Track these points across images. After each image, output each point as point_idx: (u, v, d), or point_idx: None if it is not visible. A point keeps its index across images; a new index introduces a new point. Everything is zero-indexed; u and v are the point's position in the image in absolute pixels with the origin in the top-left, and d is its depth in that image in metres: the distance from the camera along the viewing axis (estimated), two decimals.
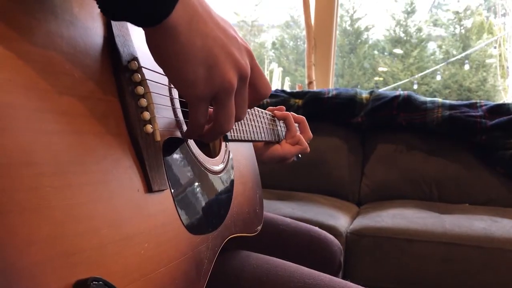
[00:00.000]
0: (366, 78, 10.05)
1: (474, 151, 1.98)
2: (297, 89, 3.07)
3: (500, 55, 8.59)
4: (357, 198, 2.14)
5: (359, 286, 0.62)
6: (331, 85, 2.94)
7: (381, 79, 9.88)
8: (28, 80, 0.34)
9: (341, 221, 1.66)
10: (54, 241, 0.32)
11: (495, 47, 8.55)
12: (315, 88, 2.91)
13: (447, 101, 2.09)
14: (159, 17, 0.38)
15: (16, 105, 0.32)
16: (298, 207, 1.75)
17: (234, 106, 0.47)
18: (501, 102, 2.05)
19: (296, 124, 0.93)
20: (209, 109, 0.47)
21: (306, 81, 2.95)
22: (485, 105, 2.04)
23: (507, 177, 1.91)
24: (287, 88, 5.95)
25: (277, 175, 2.11)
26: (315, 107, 2.16)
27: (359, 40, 10.11)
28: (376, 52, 10.15)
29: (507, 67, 8.52)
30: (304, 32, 2.97)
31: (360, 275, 1.55)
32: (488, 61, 8.92)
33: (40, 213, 0.31)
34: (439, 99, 2.11)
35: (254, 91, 0.50)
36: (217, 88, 0.43)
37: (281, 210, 1.66)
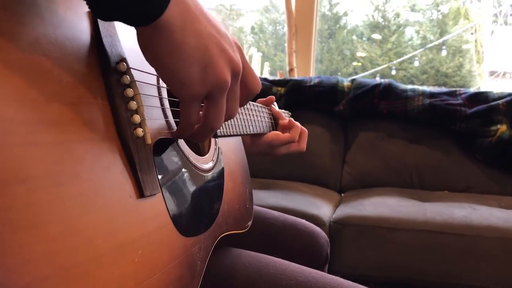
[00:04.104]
0: (344, 63, 10.06)
1: (453, 139, 2.01)
2: (278, 77, 3.06)
3: (476, 41, 8.70)
4: (339, 185, 2.16)
5: (350, 281, 0.63)
6: (312, 71, 2.94)
7: (360, 64, 9.91)
8: (17, 91, 0.32)
9: (324, 210, 1.68)
10: (50, 258, 0.31)
11: (472, 34, 8.65)
12: (296, 75, 2.90)
13: (427, 89, 2.11)
14: (153, 16, 0.37)
15: (6, 119, 0.31)
16: (282, 197, 1.75)
17: (226, 104, 0.47)
18: (479, 90, 2.08)
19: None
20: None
21: (287, 68, 2.94)
22: (464, 93, 2.07)
23: (486, 165, 1.95)
24: (266, 73, 5.92)
25: (259, 163, 2.10)
26: (297, 95, 2.17)
27: (338, 25, 10.10)
28: (354, 37, 10.16)
29: (482, 53, 8.64)
30: (283, 17, 2.96)
31: (344, 264, 1.57)
32: (464, 46, 9.02)
33: (35, 230, 0.30)
34: (419, 87, 2.14)
35: (245, 88, 0.50)
36: (211, 86, 0.43)
37: (265, 200, 1.66)
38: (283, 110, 0.98)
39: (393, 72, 9.01)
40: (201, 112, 0.47)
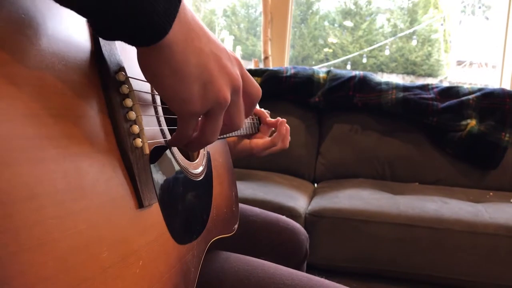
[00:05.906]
0: (316, 49, 10.10)
1: (426, 132, 2.06)
2: (253, 65, 3.05)
3: (444, 30, 8.88)
4: (313, 176, 2.19)
5: (335, 283, 0.64)
6: (286, 59, 2.94)
7: (331, 50, 9.96)
8: (23, 106, 0.32)
9: (300, 202, 1.70)
10: (60, 276, 0.31)
11: (441, 24, 8.82)
12: (271, 63, 2.91)
13: (401, 83, 2.15)
14: (157, 36, 0.37)
15: (13, 136, 0.30)
16: (258, 188, 1.76)
17: (231, 118, 0.47)
18: (451, 84, 2.14)
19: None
20: None
21: (262, 56, 2.94)
22: (437, 87, 2.11)
23: (455, 158, 2.00)
24: (239, 58, 5.91)
25: None
26: (274, 86, 2.17)
27: (310, 11, 10.11)
28: (326, 23, 10.19)
29: (450, 42, 8.84)
30: (256, 0, 2.95)
31: (319, 255, 1.59)
32: (433, 36, 9.18)
33: (45, 249, 0.30)
34: (393, 81, 2.17)
35: (248, 98, 0.50)
36: (211, 103, 0.43)
37: (242, 192, 1.67)
38: (263, 109, 0.98)
39: (364, 60, 9.11)
40: None
